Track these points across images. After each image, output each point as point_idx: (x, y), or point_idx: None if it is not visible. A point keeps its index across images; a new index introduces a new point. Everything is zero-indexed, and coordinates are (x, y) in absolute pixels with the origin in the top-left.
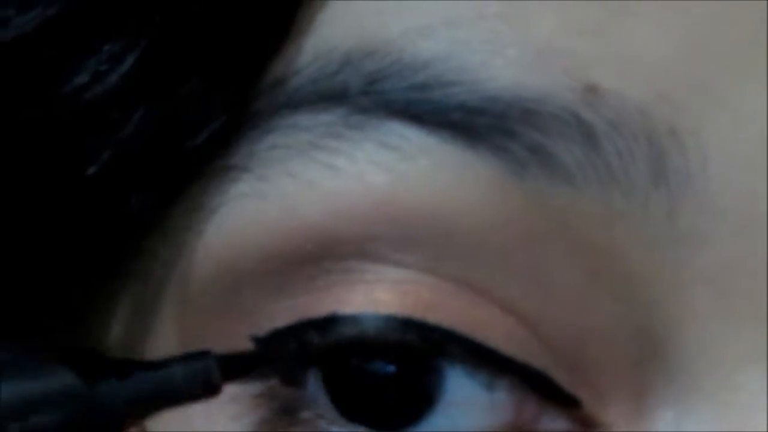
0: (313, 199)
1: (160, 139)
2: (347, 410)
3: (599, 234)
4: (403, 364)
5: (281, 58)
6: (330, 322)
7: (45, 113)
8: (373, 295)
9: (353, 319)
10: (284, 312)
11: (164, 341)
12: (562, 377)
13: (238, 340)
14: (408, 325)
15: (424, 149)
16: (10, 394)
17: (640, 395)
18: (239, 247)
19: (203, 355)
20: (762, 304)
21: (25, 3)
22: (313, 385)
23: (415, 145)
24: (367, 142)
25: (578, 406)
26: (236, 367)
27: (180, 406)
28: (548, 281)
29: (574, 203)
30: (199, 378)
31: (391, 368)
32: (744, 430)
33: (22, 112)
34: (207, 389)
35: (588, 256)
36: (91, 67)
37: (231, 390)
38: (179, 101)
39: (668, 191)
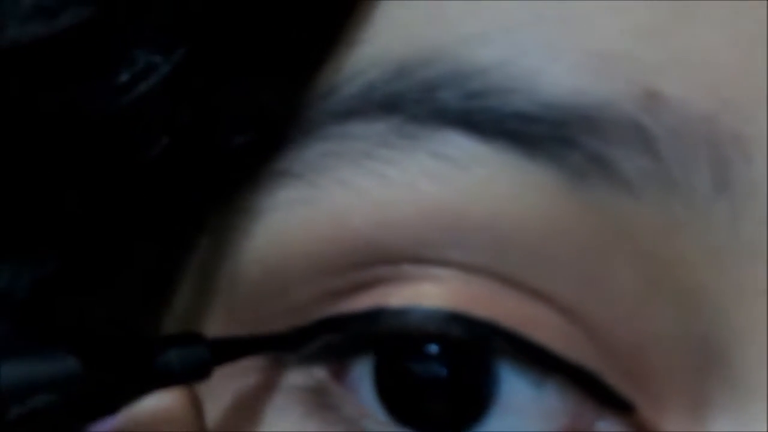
0: (363, 208)
1: (207, 136)
2: (397, 412)
3: (660, 243)
4: (455, 366)
5: (335, 66)
6: (373, 315)
7: (93, 107)
8: (420, 290)
9: (397, 313)
10: (331, 311)
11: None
12: (617, 381)
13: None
14: (453, 317)
15: (478, 159)
16: (10, 376)
17: (699, 403)
18: (287, 252)
19: (196, 338)
20: None
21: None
22: (363, 386)
23: (469, 154)
24: (420, 152)
25: (633, 410)
26: (229, 351)
27: (172, 388)
28: (607, 288)
29: (634, 213)
30: (192, 362)
31: (444, 371)
32: None
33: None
34: (199, 373)
35: (648, 265)
36: (132, 66)
37: (277, 381)
38: (226, 101)
39: (731, 200)
